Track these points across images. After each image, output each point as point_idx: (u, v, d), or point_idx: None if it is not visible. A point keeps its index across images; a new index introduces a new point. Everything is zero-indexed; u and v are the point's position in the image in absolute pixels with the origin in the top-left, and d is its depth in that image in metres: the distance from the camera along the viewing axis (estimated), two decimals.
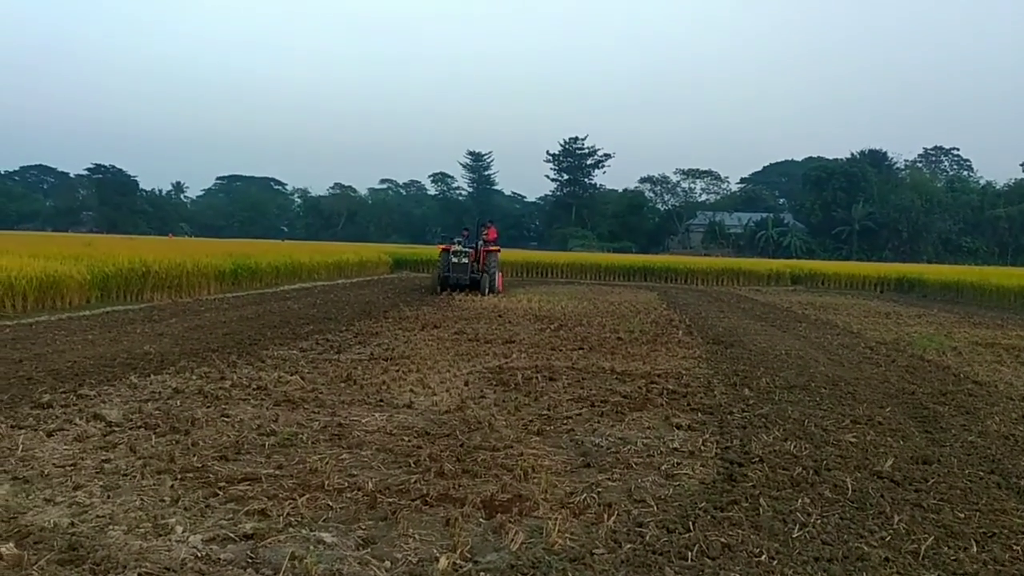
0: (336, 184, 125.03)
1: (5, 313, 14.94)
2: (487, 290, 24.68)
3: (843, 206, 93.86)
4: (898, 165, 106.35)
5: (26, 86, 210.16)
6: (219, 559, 4.20)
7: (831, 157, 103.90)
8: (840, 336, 16.43)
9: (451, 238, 26.04)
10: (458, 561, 4.23)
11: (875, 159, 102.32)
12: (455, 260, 24.88)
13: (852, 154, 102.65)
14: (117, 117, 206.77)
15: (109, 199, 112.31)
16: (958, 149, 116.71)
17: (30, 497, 5.01)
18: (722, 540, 4.58)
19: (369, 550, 4.39)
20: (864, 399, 9.19)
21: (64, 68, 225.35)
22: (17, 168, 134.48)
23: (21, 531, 4.41)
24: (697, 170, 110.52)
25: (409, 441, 6.73)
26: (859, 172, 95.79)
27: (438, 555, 4.28)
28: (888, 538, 4.75)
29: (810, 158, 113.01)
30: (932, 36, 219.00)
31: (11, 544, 4.15)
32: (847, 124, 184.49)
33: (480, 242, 26.25)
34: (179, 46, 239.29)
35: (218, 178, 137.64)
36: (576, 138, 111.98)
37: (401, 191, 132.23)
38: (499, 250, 27.11)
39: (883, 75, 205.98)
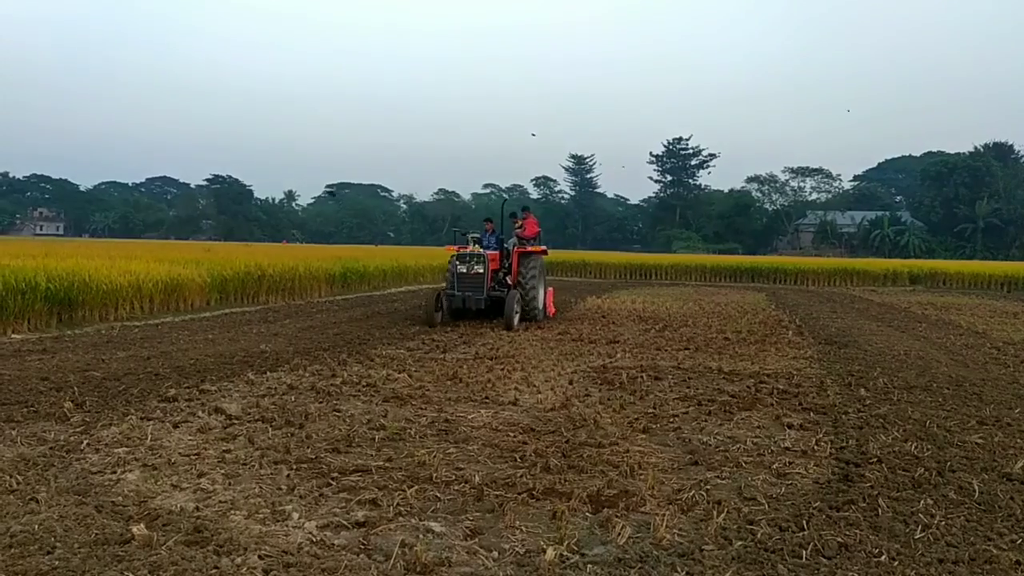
0: (440, 189, 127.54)
1: (134, 315, 15.83)
2: (517, 316, 15.32)
3: (966, 202, 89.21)
4: None
5: (152, 102, 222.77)
6: (333, 544, 4.32)
7: (952, 151, 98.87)
8: (964, 336, 15.60)
9: (469, 235, 16.86)
10: (565, 553, 4.23)
11: (1000, 152, 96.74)
12: (463, 270, 15.72)
13: (975, 148, 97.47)
14: (233, 129, 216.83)
15: (226, 208, 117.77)
16: None
17: (158, 483, 5.28)
18: (838, 540, 4.42)
19: (477, 540, 4.44)
20: (991, 400, 8.70)
21: (186, 84, 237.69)
22: (143, 180, 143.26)
23: (151, 514, 4.65)
24: (807, 168, 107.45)
25: (515, 437, 6.76)
26: (983, 166, 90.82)
27: (545, 547, 4.28)
28: (1020, 541, 4.49)
29: (929, 153, 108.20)
30: None
31: (142, 526, 4.38)
32: (970, 117, 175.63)
33: (512, 241, 17.18)
34: (291, 63, 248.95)
35: (327, 186, 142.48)
36: (680, 138, 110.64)
37: (504, 195, 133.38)
38: (545, 251, 17.48)
39: (1008, 64, 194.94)
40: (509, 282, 16.41)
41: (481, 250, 15.90)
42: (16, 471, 5.34)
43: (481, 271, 15.56)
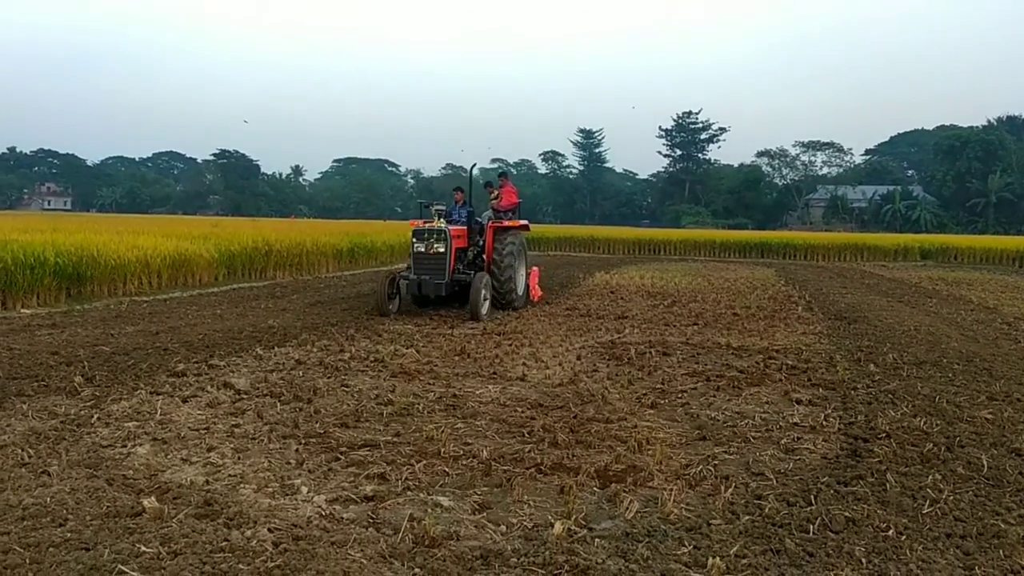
0: (448, 164, 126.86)
1: (142, 290, 15.89)
2: (486, 304, 12.94)
3: (978, 177, 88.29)
4: None
5: (158, 76, 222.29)
6: (342, 518, 4.35)
7: (965, 125, 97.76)
8: (975, 312, 15.53)
9: (434, 206, 13.66)
10: (573, 527, 4.24)
11: (1014, 126, 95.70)
12: (421, 248, 13.13)
13: (988, 121, 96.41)
14: (240, 104, 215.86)
15: (233, 183, 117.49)
16: None
17: (168, 457, 5.31)
18: (846, 514, 4.42)
19: (485, 514, 4.45)
20: (1001, 375, 8.67)
21: (191, 59, 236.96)
22: (150, 155, 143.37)
23: (161, 487, 4.69)
24: (818, 142, 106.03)
25: (522, 412, 6.77)
26: (996, 140, 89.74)
27: (553, 521, 4.30)
28: None
29: (942, 126, 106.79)
30: None
31: (153, 499, 4.41)
32: (983, 90, 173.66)
33: (487, 214, 14.81)
34: (297, 38, 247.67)
35: (335, 160, 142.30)
36: (689, 112, 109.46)
37: (512, 170, 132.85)
38: (526, 225, 15.26)
39: (1021, 35, 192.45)
40: (484, 261, 13.98)
41: (443, 224, 13.21)
42: (27, 445, 5.38)
43: (442, 250, 12.94)
